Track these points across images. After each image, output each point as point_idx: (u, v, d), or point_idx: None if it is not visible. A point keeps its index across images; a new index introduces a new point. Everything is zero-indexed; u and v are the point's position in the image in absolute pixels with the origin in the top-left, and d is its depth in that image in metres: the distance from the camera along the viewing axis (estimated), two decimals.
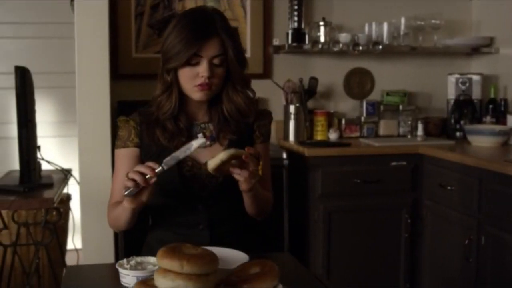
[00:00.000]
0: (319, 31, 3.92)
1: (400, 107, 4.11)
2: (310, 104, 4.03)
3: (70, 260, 4.13)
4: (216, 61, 1.87)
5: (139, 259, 1.65)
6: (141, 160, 1.97)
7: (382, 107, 4.11)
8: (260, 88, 3.97)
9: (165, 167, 1.71)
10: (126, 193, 1.70)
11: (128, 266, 1.60)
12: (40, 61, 4.82)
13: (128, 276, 1.57)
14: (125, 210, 1.82)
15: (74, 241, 3.85)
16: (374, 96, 4.19)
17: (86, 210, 3.30)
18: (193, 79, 1.88)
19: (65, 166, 3.51)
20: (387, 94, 4.11)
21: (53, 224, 3.73)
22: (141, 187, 1.69)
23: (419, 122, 3.98)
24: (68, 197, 4.08)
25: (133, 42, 3.87)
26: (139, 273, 1.55)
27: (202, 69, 1.86)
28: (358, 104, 4.15)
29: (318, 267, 3.55)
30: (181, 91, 1.94)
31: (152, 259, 1.64)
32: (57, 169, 3.49)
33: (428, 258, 3.59)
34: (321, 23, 3.92)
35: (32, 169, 3.16)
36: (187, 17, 1.94)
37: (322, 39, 3.91)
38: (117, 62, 3.84)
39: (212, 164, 1.69)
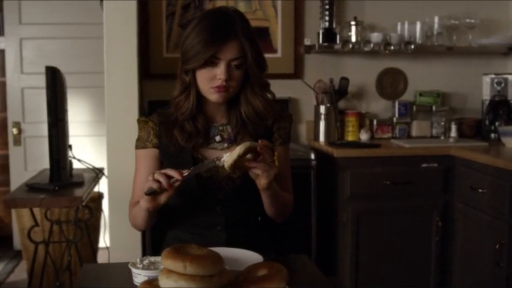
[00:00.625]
0: (350, 30, 3.88)
1: (433, 107, 4.04)
2: (342, 104, 4.00)
3: (101, 258, 4.19)
4: (234, 63, 1.86)
5: (152, 259, 1.65)
6: (161, 160, 1.97)
7: (415, 108, 4.05)
8: (290, 88, 3.98)
9: (193, 173, 1.71)
10: (147, 192, 1.70)
11: (140, 265, 1.60)
12: (76, 61, 4.89)
13: (139, 275, 1.57)
14: (141, 210, 1.82)
15: (105, 239, 3.89)
16: (407, 96, 4.13)
17: (114, 209, 3.33)
18: (210, 81, 1.87)
19: (99, 165, 3.56)
20: (420, 94, 4.05)
21: (84, 222, 3.78)
22: (162, 189, 1.69)
23: (453, 123, 3.90)
24: (100, 196, 4.12)
25: (164, 42, 3.89)
26: (151, 273, 1.55)
27: (220, 72, 1.85)
28: (391, 104, 4.10)
29: (346, 270, 3.51)
30: (199, 92, 1.93)
31: None
32: (88, 168, 3.54)
33: (459, 262, 3.51)
34: (353, 22, 3.88)
35: (62, 167, 3.20)
36: (207, 18, 1.92)
37: (353, 39, 3.87)
38: (148, 62, 3.87)
39: (229, 160, 1.67)
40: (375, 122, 4.03)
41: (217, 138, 1.97)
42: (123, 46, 3.25)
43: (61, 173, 3.20)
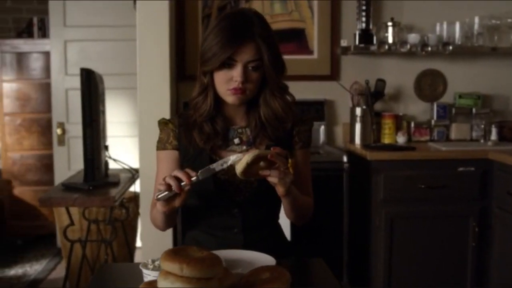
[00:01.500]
0: (387, 31, 3.83)
1: (474, 110, 3.95)
2: (378, 106, 3.94)
3: (138, 257, 4.24)
4: (251, 65, 1.84)
5: None
6: (181, 162, 1.98)
7: (454, 110, 3.97)
8: (327, 90, 3.95)
9: (200, 177, 1.70)
10: (158, 197, 1.71)
11: (151, 266, 1.60)
12: (117, 62, 4.96)
13: (149, 276, 1.58)
14: (158, 212, 1.83)
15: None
16: (446, 98, 4.04)
17: (146, 209, 3.36)
18: (227, 83, 1.86)
19: (136, 165, 3.59)
20: (460, 96, 3.96)
21: (121, 221, 3.84)
22: (174, 193, 1.70)
23: (493, 126, 3.81)
24: (136, 196, 4.17)
25: (200, 44, 3.89)
26: None
27: (236, 74, 1.84)
28: (429, 106, 4.02)
29: (379, 275, 3.46)
30: (217, 94, 1.93)
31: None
32: (125, 168, 3.59)
33: (497, 269, 3.42)
34: (389, 23, 3.83)
35: (96, 168, 3.26)
36: (225, 19, 1.91)
37: (390, 40, 3.81)
38: (184, 63, 3.90)
39: (239, 168, 1.66)
40: (412, 124, 3.96)
41: (236, 140, 1.95)
42: (156, 48, 3.28)
43: (95, 173, 3.25)
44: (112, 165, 3.53)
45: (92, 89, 3.24)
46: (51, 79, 5.14)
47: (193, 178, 1.67)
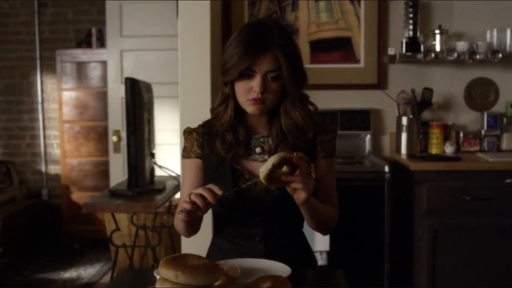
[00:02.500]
0: (434, 39, 3.75)
1: None
2: (427, 115, 3.87)
3: None
4: (270, 76, 1.84)
5: None
6: (204, 170, 2.00)
7: (505, 120, 3.85)
8: (373, 99, 3.91)
9: (227, 193, 1.72)
10: (179, 212, 1.73)
11: None
12: (171, 71, 5.03)
13: None
14: (180, 220, 1.86)
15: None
16: (498, 107, 3.93)
17: None
18: (247, 93, 1.87)
19: None
20: None
21: (168, 228, 3.90)
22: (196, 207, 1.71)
23: None
24: None
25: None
26: None
27: (255, 84, 1.84)
28: (479, 116, 3.91)
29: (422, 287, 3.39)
30: (238, 103, 1.94)
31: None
32: (171, 176, 3.64)
33: None
34: (437, 31, 3.75)
35: (140, 175, 3.32)
36: (245, 30, 1.92)
37: (437, 48, 3.74)
38: None
39: (264, 171, 1.66)
40: (461, 134, 3.87)
41: (258, 149, 1.95)
42: (197, 57, 3.32)
43: (139, 180, 3.32)
44: (160, 172, 3.59)
45: (136, 98, 3.31)
46: (108, 88, 5.28)
47: (218, 197, 1.69)
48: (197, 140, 2.02)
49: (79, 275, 4.77)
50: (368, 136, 3.87)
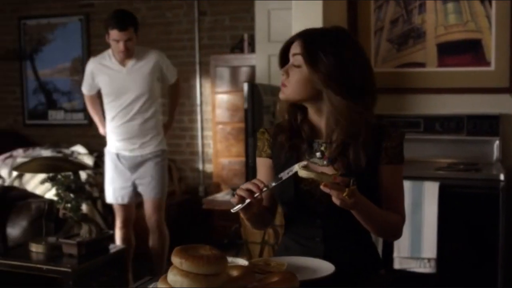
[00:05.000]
0: None
1: None
2: None
3: None
4: (295, 61, 1.94)
5: (230, 259, 1.81)
6: (273, 169, 2.11)
7: None
8: (503, 103, 3.74)
9: (270, 186, 1.84)
10: (233, 210, 1.87)
11: None
12: None
13: None
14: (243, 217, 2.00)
15: None
16: None
17: None
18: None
19: None
20: None
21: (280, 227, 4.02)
22: (248, 202, 1.83)
23: None
24: None
25: (373, 57, 3.96)
26: None
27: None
28: None
29: None
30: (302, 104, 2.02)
31: (240, 261, 1.79)
32: None
33: None
34: None
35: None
36: None
37: None
38: None
39: (299, 172, 1.76)
40: None
41: (318, 154, 2.01)
42: None
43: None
44: None
45: (255, 101, 3.49)
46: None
47: (263, 188, 1.80)
48: (268, 141, 2.13)
49: None
50: (497, 143, 3.70)
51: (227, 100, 5.84)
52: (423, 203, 3.17)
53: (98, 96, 4.46)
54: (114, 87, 4.19)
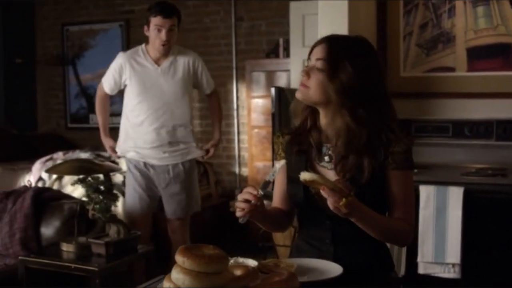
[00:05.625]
0: None
1: None
2: None
3: None
4: (318, 65, 1.96)
5: (241, 260, 1.86)
6: (286, 172, 2.15)
7: None
8: None
9: (262, 192, 1.89)
10: (240, 220, 1.91)
11: None
12: None
13: None
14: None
15: None
16: None
17: None
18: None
19: None
20: None
21: None
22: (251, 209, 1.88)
23: None
24: None
25: (402, 61, 3.96)
26: None
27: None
28: None
29: None
30: (314, 108, 2.06)
31: (250, 261, 1.84)
32: None
33: None
34: None
35: None
36: None
37: None
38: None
39: (301, 177, 1.80)
40: None
41: (326, 158, 2.05)
42: None
43: None
44: None
45: (282, 105, 3.54)
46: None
47: (258, 194, 1.86)
48: (282, 144, 2.18)
49: None
50: None
51: (262, 104, 5.90)
52: (447, 208, 3.16)
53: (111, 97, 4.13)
54: (145, 87, 3.85)
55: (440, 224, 3.17)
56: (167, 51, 3.85)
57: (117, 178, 4.96)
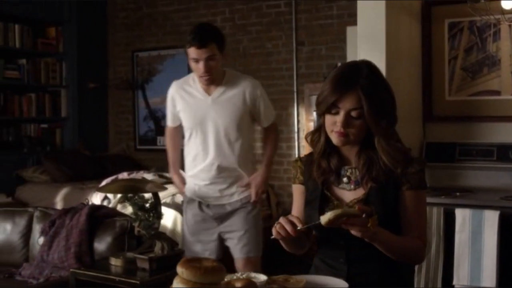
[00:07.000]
0: None
1: None
2: None
3: None
4: (353, 114, 2.02)
5: (252, 274, 1.98)
6: (304, 195, 2.25)
7: None
8: None
9: (302, 228, 1.97)
10: (273, 237, 2.00)
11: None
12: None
13: None
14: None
15: None
16: None
17: None
18: (332, 125, 2.07)
19: None
20: None
21: None
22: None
23: None
24: None
25: (447, 85, 3.98)
26: None
27: (339, 120, 2.04)
28: None
29: None
30: None
31: (262, 277, 1.95)
32: None
33: None
34: None
35: None
36: (338, 69, 2.16)
37: None
38: (430, 104, 4.01)
39: (322, 220, 1.89)
40: None
41: (345, 179, 2.13)
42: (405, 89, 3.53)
43: None
44: None
45: None
46: None
47: (299, 228, 1.95)
48: (300, 168, 2.28)
49: None
50: None
51: None
52: (483, 231, 3.16)
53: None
54: (195, 119, 3.46)
55: (476, 248, 3.17)
56: (212, 81, 3.41)
57: (177, 198, 5.14)
